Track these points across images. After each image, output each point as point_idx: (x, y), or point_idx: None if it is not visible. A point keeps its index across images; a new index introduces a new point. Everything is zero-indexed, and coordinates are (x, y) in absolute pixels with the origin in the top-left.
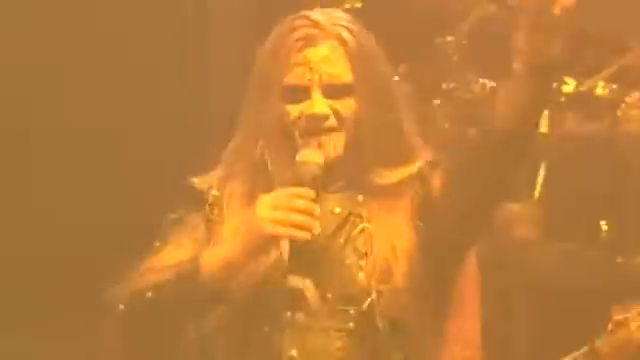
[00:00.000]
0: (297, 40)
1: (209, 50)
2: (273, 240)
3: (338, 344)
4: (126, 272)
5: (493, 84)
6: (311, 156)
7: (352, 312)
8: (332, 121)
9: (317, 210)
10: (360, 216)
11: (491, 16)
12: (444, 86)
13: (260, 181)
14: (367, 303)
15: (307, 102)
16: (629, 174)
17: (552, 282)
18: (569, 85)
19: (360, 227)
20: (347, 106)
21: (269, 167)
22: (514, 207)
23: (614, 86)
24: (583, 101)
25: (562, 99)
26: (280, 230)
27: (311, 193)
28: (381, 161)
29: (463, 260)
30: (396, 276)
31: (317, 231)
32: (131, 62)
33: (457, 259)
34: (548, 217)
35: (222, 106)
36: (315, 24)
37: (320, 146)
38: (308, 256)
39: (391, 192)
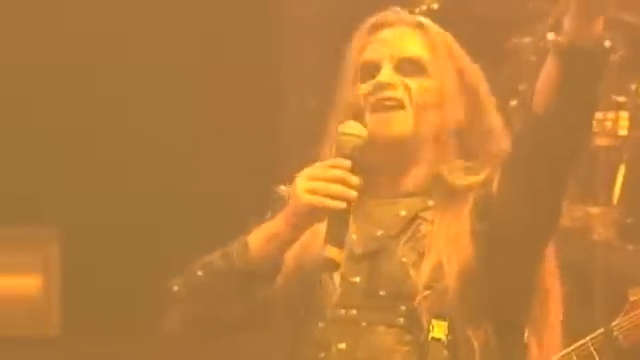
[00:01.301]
0: (374, 23)
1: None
2: (310, 211)
3: (387, 339)
4: None
5: None
6: (352, 128)
7: (403, 308)
8: (399, 92)
9: (355, 180)
10: (426, 219)
11: None
12: (520, 87)
13: None
14: (417, 300)
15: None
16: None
17: (632, 286)
18: None
19: (424, 230)
20: (419, 84)
21: None
22: (593, 210)
23: None
24: None
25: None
26: (315, 200)
27: (346, 162)
28: (460, 155)
29: (534, 263)
30: (449, 277)
31: (378, 230)
32: (220, 65)
33: (526, 260)
34: (627, 220)
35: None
36: (394, 12)
37: (387, 119)
38: (345, 230)
39: (461, 195)
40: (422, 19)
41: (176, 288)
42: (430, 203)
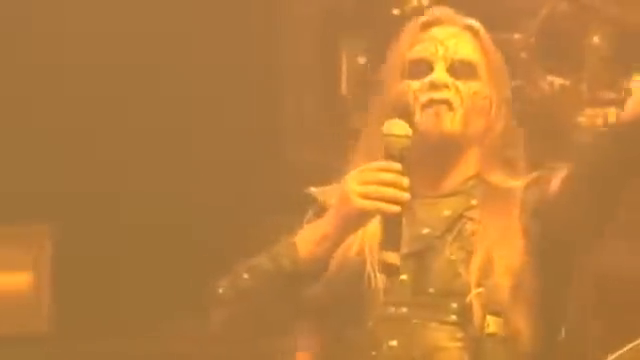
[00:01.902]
0: (425, 20)
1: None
2: (362, 214)
3: (440, 336)
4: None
5: (562, 81)
6: (396, 127)
7: (454, 305)
8: (451, 94)
9: (406, 182)
10: (471, 218)
11: (561, 13)
12: (512, 84)
13: None
14: (470, 296)
15: (430, 75)
16: None
17: (619, 282)
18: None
19: (470, 229)
20: (470, 87)
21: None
22: None
23: None
24: None
25: None
26: (369, 204)
27: (397, 166)
28: (503, 160)
29: (578, 265)
30: (498, 274)
31: (424, 228)
32: (217, 64)
33: (571, 262)
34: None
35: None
36: (444, 10)
37: (437, 116)
38: (400, 233)
39: (504, 194)
40: (473, 22)
41: (221, 291)
42: (473, 202)
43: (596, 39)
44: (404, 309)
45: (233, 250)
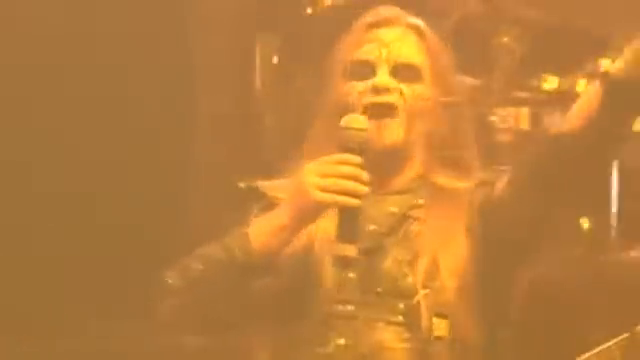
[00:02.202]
0: (371, 21)
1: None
2: (321, 207)
3: (387, 336)
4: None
5: (473, 81)
6: (355, 121)
7: (401, 306)
8: (394, 97)
9: (365, 175)
10: (417, 218)
11: (473, 14)
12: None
13: None
14: (417, 298)
15: (372, 78)
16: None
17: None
18: (550, 82)
19: (416, 230)
20: (413, 90)
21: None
22: None
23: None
24: (564, 98)
25: (542, 96)
26: (328, 197)
27: (357, 159)
28: (447, 161)
29: (522, 266)
30: (444, 276)
31: (371, 225)
32: (129, 66)
33: (515, 263)
34: None
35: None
36: (391, 10)
37: (379, 127)
38: (357, 226)
39: (450, 195)
40: (419, 21)
41: (171, 281)
42: (420, 201)
43: (507, 40)
44: (351, 307)
45: (170, 248)
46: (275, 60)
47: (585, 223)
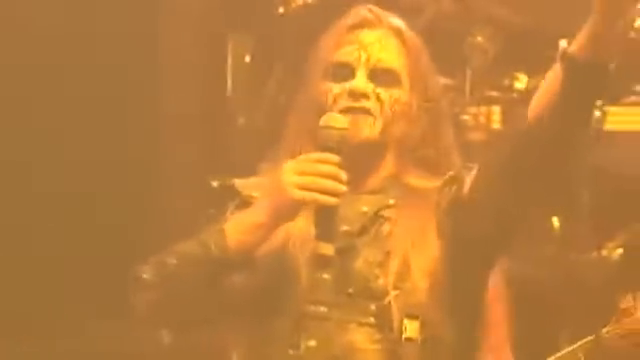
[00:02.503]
0: (352, 23)
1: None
2: (299, 205)
3: (358, 337)
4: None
5: (446, 80)
6: (335, 121)
7: (373, 307)
8: (371, 103)
9: (343, 174)
10: (388, 218)
11: (445, 13)
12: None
13: None
14: (388, 299)
15: (351, 81)
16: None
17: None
18: (521, 81)
19: (387, 230)
20: (391, 95)
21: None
22: None
23: None
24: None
25: (514, 95)
26: (307, 195)
27: (335, 158)
28: (420, 162)
29: (492, 265)
30: (415, 276)
31: (343, 225)
32: (96, 63)
33: (486, 262)
34: None
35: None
36: (372, 11)
37: (355, 122)
38: (335, 225)
39: (422, 196)
40: (400, 23)
41: (146, 276)
42: (391, 201)
43: (480, 39)
44: (323, 308)
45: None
46: (247, 59)
47: (556, 222)
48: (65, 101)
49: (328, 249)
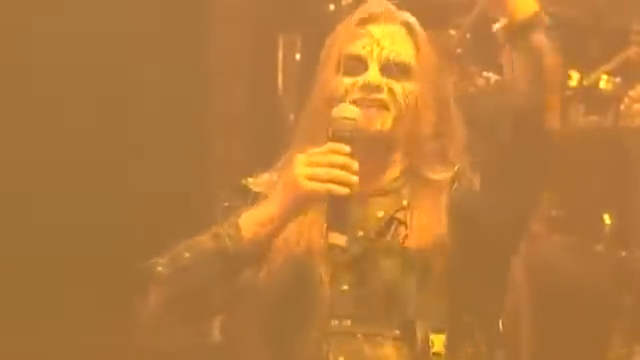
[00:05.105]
0: (362, 16)
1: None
2: (311, 197)
3: (385, 351)
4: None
5: (497, 77)
6: (346, 111)
7: (397, 319)
8: (384, 96)
9: (355, 165)
10: (403, 222)
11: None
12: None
13: None
14: (411, 311)
15: (363, 74)
16: (631, 168)
17: (555, 275)
18: (573, 79)
19: (402, 234)
20: (403, 87)
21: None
22: None
23: (617, 80)
24: (586, 95)
25: (567, 92)
26: (318, 186)
27: (346, 148)
28: (432, 154)
29: (508, 259)
30: (436, 280)
31: (358, 231)
32: (145, 64)
33: (500, 256)
34: (551, 211)
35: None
36: (383, 5)
37: (367, 114)
38: (347, 215)
39: (435, 189)
40: (411, 18)
41: (160, 269)
42: (404, 203)
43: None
44: (348, 322)
45: (166, 242)
46: (298, 57)
47: (607, 219)
48: (116, 99)
49: (340, 239)
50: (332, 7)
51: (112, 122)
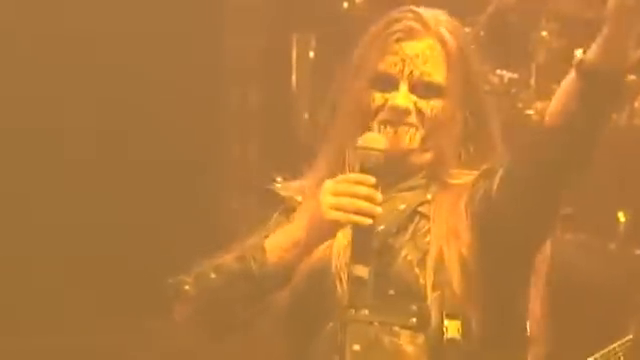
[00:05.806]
0: (397, 31)
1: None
2: (335, 225)
3: (401, 340)
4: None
5: (511, 75)
6: (373, 141)
7: (414, 308)
8: (412, 118)
9: (379, 197)
10: (426, 215)
11: (509, 7)
12: None
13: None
14: (430, 299)
15: (393, 93)
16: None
17: (568, 273)
18: None
19: (425, 228)
20: (432, 107)
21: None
22: None
23: (632, 77)
24: None
25: None
26: (342, 217)
27: (371, 179)
28: (460, 163)
29: (529, 262)
30: (452, 273)
31: (380, 224)
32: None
33: (520, 261)
34: (565, 209)
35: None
36: (418, 19)
37: (396, 135)
38: (371, 247)
39: (457, 190)
40: (445, 33)
41: (187, 287)
42: (429, 197)
43: (544, 33)
44: (365, 311)
45: (175, 249)
46: (311, 55)
47: (622, 217)
48: (131, 100)
49: (363, 271)
50: (346, 5)
51: (127, 123)
